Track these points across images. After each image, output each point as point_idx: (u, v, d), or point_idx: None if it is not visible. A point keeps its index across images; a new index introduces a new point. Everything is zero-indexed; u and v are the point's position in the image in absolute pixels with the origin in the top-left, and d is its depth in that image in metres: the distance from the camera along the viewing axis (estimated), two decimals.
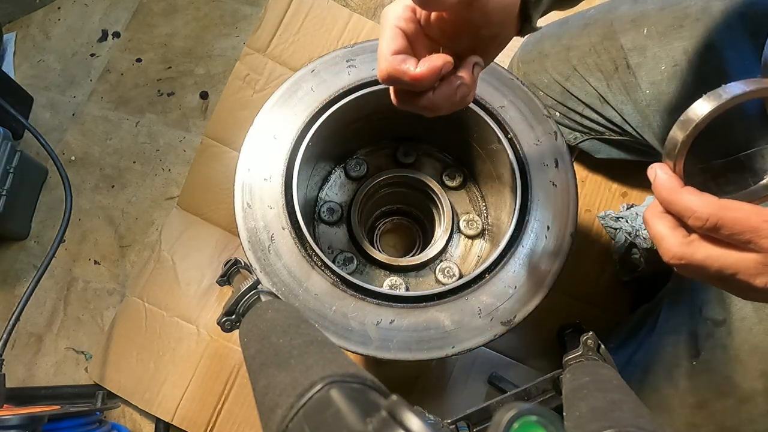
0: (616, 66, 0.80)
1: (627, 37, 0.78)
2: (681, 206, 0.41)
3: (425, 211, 0.88)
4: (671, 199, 0.42)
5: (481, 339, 0.62)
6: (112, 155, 1.19)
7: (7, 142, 1.03)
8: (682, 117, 0.41)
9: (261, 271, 0.64)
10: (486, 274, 0.65)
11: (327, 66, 0.73)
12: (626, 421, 0.42)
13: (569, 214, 0.68)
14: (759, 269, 0.39)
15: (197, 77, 1.23)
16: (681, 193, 0.41)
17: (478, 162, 0.81)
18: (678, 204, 0.41)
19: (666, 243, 0.42)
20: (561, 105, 0.90)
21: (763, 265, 0.39)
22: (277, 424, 0.33)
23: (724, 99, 0.40)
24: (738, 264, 0.40)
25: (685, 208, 0.41)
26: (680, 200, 0.41)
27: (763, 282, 0.39)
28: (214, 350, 1.01)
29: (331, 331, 0.62)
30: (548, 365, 0.99)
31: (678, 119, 0.42)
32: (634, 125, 0.81)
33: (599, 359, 0.61)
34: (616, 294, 1.03)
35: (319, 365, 0.36)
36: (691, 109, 0.41)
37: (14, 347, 1.07)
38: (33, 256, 1.14)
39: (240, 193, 0.68)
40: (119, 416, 1.03)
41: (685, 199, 0.41)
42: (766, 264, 0.39)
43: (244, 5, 1.27)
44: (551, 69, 0.89)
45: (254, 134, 0.70)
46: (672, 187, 0.42)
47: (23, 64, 1.27)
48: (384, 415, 0.28)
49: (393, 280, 0.76)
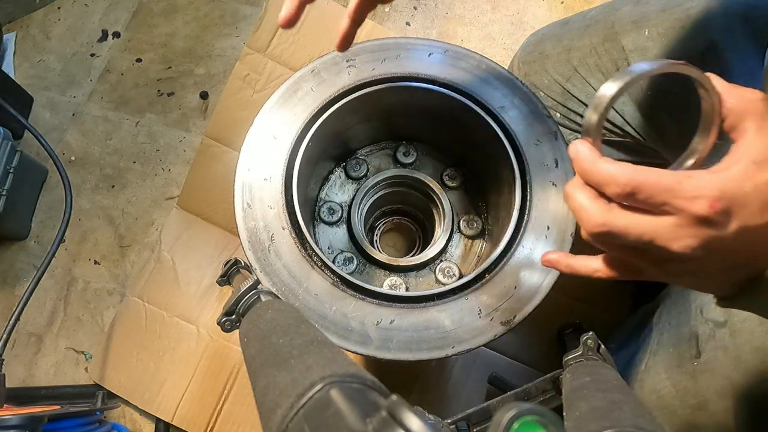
0: (618, 67, 0.80)
1: (628, 39, 0.78)
2: (600, 175, 0.42)
3: (425, 211, 0.88)
4: (591, 169, 0.43)
5: (481, 339, 0.62)
6: (112, 155, 1.19)
7: (7, 142, 1.03)
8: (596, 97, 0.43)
9: (261, 271, 0.64)
10: (486, 274, 0.65)
11: (327, 66, 0.73)
12: (626, 421, 0.42)
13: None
14: (675, 232, 0.39)
15: (197, 77, 1.23)
16: (599, 163, 0.42)
17: (478, 162, 0.81)
18: (597, 173, 0.42)
19: (586, 213, 0.43)
20: (561, 106, 0.90)
21: (679, 228, 0.39)
22: (277, 424, 0.33)
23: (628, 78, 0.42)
24: (656, 228, 0.40)
25: (604, 177, 0.42)
26: (599, 170, 0.42)
27: (680, 246, 0.39)
28: (214, 350, 1.01)
29: (331, 331, 0.62)
30: (548, 365, 0.99)
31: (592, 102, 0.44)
32: (636, 126, 0.81)
33: (599, 359, 0.61)
34: (616, 294, 1.03)
35: (319, 365, 0.36)
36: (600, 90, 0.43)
37: (14, 347, 1.07)
38: (33, 256, 1.14)
39: (240, 193, 0.68)
40: (119, 416, 1.03)
41: (604, 167, 0.42)
42: (682, 226, 0.39)
43: (244, 5, 1.27)
44: (552, 70, 0.89)
45: (254, 134, 0.70)
46: (591, 159, 0.43)
47: (23, 64, 1.27)
48: (384, 415, 0.28)
49: (393, 280, 0.76)
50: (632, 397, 0.48)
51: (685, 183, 0.39)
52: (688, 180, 0.39)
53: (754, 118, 0.41)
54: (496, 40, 1.26)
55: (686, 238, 0.39)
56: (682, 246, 0.39)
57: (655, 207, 0.40)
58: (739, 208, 0.39)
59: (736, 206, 0.39)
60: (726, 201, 0.38)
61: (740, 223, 0.39)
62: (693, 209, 0.38)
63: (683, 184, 0.39)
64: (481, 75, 0.73)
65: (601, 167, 0.42)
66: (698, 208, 0.38)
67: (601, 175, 0.42)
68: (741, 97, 0.42)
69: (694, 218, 0.39)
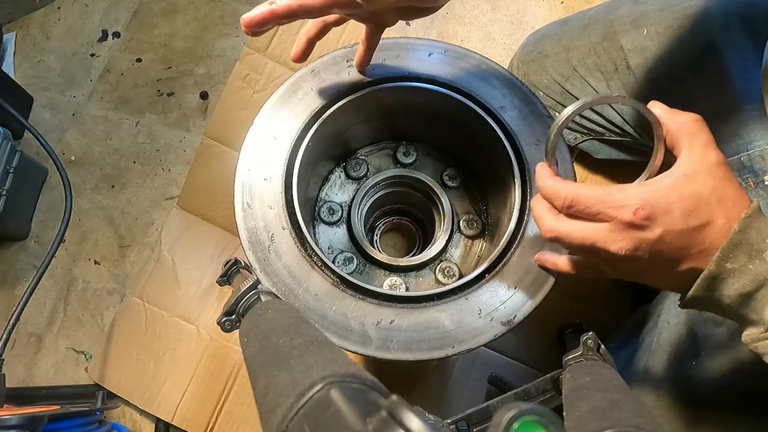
0: (616, 66, 0.80)
1: (627, 38, 0.79)
2: (548, 191, 0.50)
3: (425, 211, 0.88)
4: (542, 185, 0.51)
5: (481, 339, 0.62)
6: (112, 155, 1.19)
7: (7, 142, 1.03)
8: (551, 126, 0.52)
9: (261, 271, 0.64)
10: (486, 274, 0.65)
11: (327, 66, 0.73)
12: (626, 421, 0.42)
13: None
14: (610, 236, 0.47)
15: (197, 77, 1.23)
16: (547, 180, 0.51)
17: (478, 162, 0.81)
18: (546, 189, 0.51)
19: (542, 221, 0.52)
20: (561, 105, 0.90)
21: (613, 233, 0.46)
22: (277, 424, 0.33)
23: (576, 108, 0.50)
24: (595, 234, 0.47)
25: (550, 192, 0.50)
26: (547, 185, 0.50)
27: (616, 248, 0.47)
28: (214, 350, 1.01)
29: (331, 331, 0.62)
30: (548, 365, 0.99)
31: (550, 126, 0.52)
32: (635, 125, 0.81)
33: (599, 359, 0.61)
34: (616, 294, 1.03)
35: (319, 365, 0.36)
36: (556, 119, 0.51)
37: (14, 347, 1.07)
38: (33, 256, 1.14)
39: (240, 193, 0.68)
40: (119, 416, 1.03)
41: (549, 183, 0.50)
42: (615, 231, 0.46)
43: (244, 5, 1.27)
44: (551, 69, 0.89)
45: (254, 134, 0.70)
46: (543, 176, 0.51)
47: (23, 64, 1.27)
48: (384, 415, 0.28)
49: (393, 280, 0.76)
50: (632, 397, 0.48)
51: (615, 194, 0.46)
52: (618, 192, 0.47)
53: (686, 138, 0.48)
54: (496, 40, 1.26)
55: (620, 241, 0.46)
56: (618, 248, 0.47)
57: (592, 216, 0.48)
58: (663, 214, 0.45)
59: (659, 213, 0.45)
60: (648, 209, 0.45)
61: (664, 227, 0.45)
62: (620, 216, 0.46)
63: (612, 195, 0.46)
64: (481, 75, 0.73)
65: (548, 184, 0.51)
66: (624, 215, 0.45)
67: (548, 190, 0.51)
68: (675, 121, 0.50)
69: (623, 224, 0.46)
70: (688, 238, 0.46)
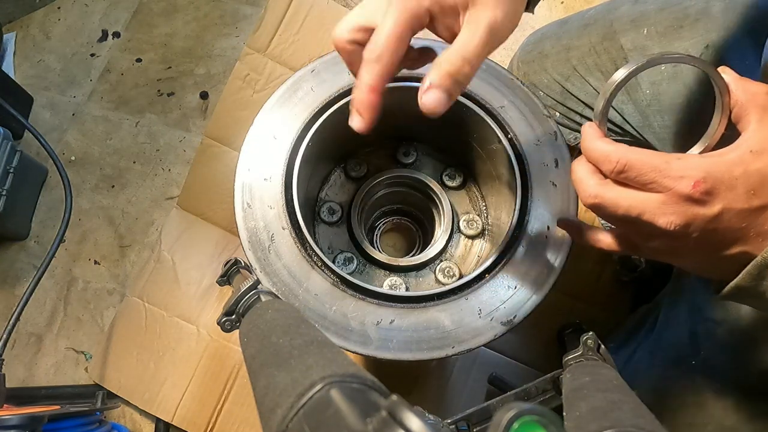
0: (617, 66, 0.80)
1: (627, 38, 0.79)
2: (597, 152, 0.45)
3: (425, 211, 0.88)
4: (590, 146, 0.46)
5: (481, 339, 0.62)
6: (112, 155, 1.19)
7: (7, 142, 1.03)
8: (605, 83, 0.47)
9: (261, 271, 0.64)
10: (486, 274, 0.65)
11: (327, 66, 0.73)
12: (626, 421, 0.42)
13: (569, 214, 0.68)
14: (661, 208, 0.42)
15: (197, 77, 1.23)
16: (597, 141, 0.46)
17: (478, 162, 0.81)
18: (595, 150, 0.46)
19: (583, 184, 0.47)
20: (561, 105, 0.90)
21: (664, 205, 0.42)
22: (277, 424, 0.33)
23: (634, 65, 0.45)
24: (644, 203, 0.43)
25: (600, 153, 0.45)
26: (597, 147, 0.46)
27: (665, 222, 0.42)
28: (214, 350, 1.01)
29: (331, 331, 0.62)
30: (548, 365, 0.99)
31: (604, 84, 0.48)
32: (635, 125, 0.81)
33: (599, 359, 0.61)
34: (616, 294, 1.03)
35: (319, 365, 0.36)
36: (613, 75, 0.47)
37: (14, 347, 1.07)
38: (33, 256, 1.14)
39: (240, 193, 0.68)
40: (119, 416, 1.03)
41: (599, 145, 0.45)
42: (667, 203, 0.42)
43: (244, 5, 1.27)
44: (551, 69, 0.89)
45: (254, 134, 0.70)
46: (592, 137, 0.46)
47: (23, 64, 1.27)
48: (384, 415, 0.28)
49: (393, 280, 0.76)
50: (632, 397, 0.48)
51: (673, 163, 0.42)
52: (677, 161, 0.42)
53: (756, 110, 0.43)
54: None
55: (670, 215, 0.42)
56: (667, 222, 0.42)
57: (644, 184, 0.43)
58: (725, 190, 0.41)
59: (721, 188, 0.41)
60: (710, 182, 0.41)
61: (724, 204, 0.41)
62: (677, 188, 0.41)
63: (671, 164, 0.42)
64: (481, 75, 0.73)
65: (598, 145, 0.46)
66: (682, 187, 0.41)
67: (597, 152, 0.45)
68: (747, 90, 0.45)
69: (678, 196, 0.41)
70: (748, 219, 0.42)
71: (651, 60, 0.45)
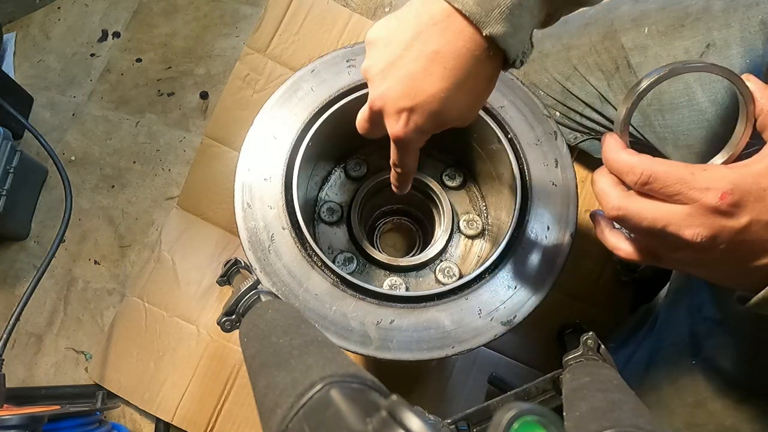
0: (617, 65, 0.80)
1: (628, 37, 0.78)
2: (620, 164, 0.45)
3: (425, 211, 0.88)
4: (613, 157, 0.45)
5: (481, 339, 0.62)
6: (112, 155, 1.19)
7: (7, 142, 1.03)
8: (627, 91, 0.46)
9: (261, 271, 0.64)
10: (486, 274, 0.65)
11: (327, 66, 0.73)
12: (626, 421, 0.42)
13: (569, 214, 0.68)
14: (687, 220, 0.41)
15: (197, 77, 1.23)
16: (620, 153, 0.45)
17: (478, 162, 0.81)
18: (618, 162, 0.45)
19: (607, 197, 0.46)
20: (561, 104, 0.90)
21: (690, 217, 0.41)
22: (277, 424, 0.33)
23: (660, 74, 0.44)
24: (669, 215, 0.42)
25: (623, 165, 0.44)
26: (620, 158, 0.45)
27: (691, 234, 0.41)
28: (214, 350, 1.01)
29: (331, 331, 0.62)
30: (548, 365, 0.99)
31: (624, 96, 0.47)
32: (635, 125, 0.81)
33: (599, 359, 0.61)
34: (616, 294, 1.03)
35: (319, 365, 0.36)
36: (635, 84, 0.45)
37: (14, 347, 1.07)
38: (33, 256, 1.14)
39: (240, 193, 0.68)
40: (119, 416, 1.03)
41: (624, 157, 0.44)
42: (693, 215, 0.41)
43: (244, 5, 1.27)
44: (551, 68, 0.89)
45: (254, 134, 0.70)
46: (615, 148, 0.45)
47: (23, 64, 1.27)
48: (384, 415, 0.28)
49: (393, 280, 0.76)
50: (632, 397, 0.48)
51: (699, 175, 0.41)
52: (703, 172, 0.41)
53: None
54: None
55: (697, 227, 0.41)
56: (693, 234, 0.41)
57: (669, 196, 0.42)
58: (753, 202, 0.40)
59: (749, 200, 0.40)
60: (738, 194, 0.40)
61: (753, 216, 0.40)
62: (704, 199, 0.40)
63: (696, 175, 0.41)
64: None
65: (621, 157, 0.45)
66: (709, 199, 0.40)
67: (621, 164, 0.44)
68: None
69: (705, 208, 0.40)
70: None
71: (674, 69, 0.43)
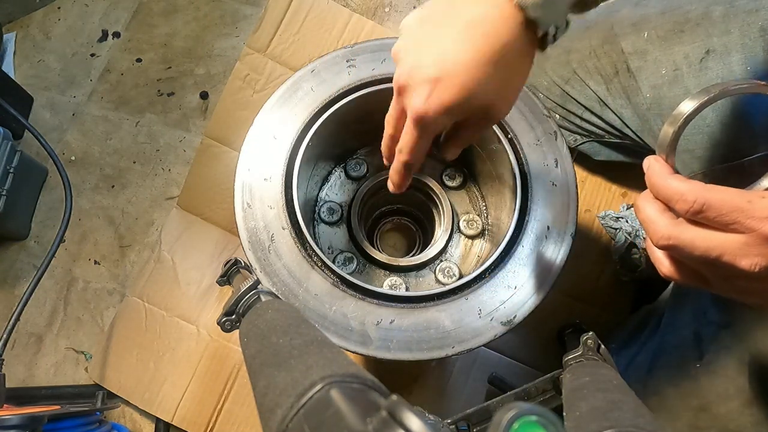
0: (617, 70, 0.80)
1: (627, 41, 0.78)
2: (670, 191, 0.43)
3: (425, 211, 0.88)
4: (661, 184, 0.43)
5: (481, 339, 0.62)
6: (112, 155, 1.19)
7: (7, 142, 1.03)
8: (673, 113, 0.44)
9: (261, 271, 0.64)
10: (486, 274, 0.65)
11: (327, 66, 0.73)
12: (626, 421, 0.42)
13: (569, 214, 0.68)
14: (744, 250, 0.40)
15: (197, 77, 1.23)
16: (669, 179, 0.43)
17: (478, 162, 0.81)
18: (667, 189, 0.43)
19: (655, 225, 0.43)
20: (561, 108, 0.90)
21: (747, 246, 0.40)
22: (277, 424, 0.33)
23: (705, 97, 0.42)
24: (724, 245, 0.40)
25: (673, 192, 0.42)
26: (669, 185, 0.43)
27: (748, 264, 0.40)
28: (214, 350, 1.01)
29: (331, 331, 0.62)
30: (548, 365, 0.99)
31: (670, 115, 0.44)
32: (634, 129, 0.81)
33: (599, 359, 0.61)
34: (616, 294, 1.03)
35: (319, 365, 0.36)
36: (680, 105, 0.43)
37: (14, 347, 1.07)
38: (33, 256, 1.14)
39: (240, 193, 0.68)
40: (119, 416, 1.03)
41: (674, 184, 0.42)
42: (751, 245, 0.39)
43: (244, 5, 1.27)
44: (551, 72, 0.89)
45: (254, 134, 0.70)
46: (662, 174, 0.44)
47: (23, 64, 1.27)
48: (384, 415, 0.28)
49: (393, 280, 0.76)
50: (632, 397, 0.48)
51: (757, 203, 0.39)
52: (761, 200, 0.39)
53: None
54: None
55: (755, 257, 0.40)
56: (751, 264, 0.40)
57: (725, 225, 0.40)
58: None
59: None
60: None
61: None
62: (763, 229, 0.39)
63: (755, 203, 0.39)
64: None
65: (670, 183, 0.43)
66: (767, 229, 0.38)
67: (670, 191, 0.43)
68: None
69: (763, 238, 0.39)
70: None
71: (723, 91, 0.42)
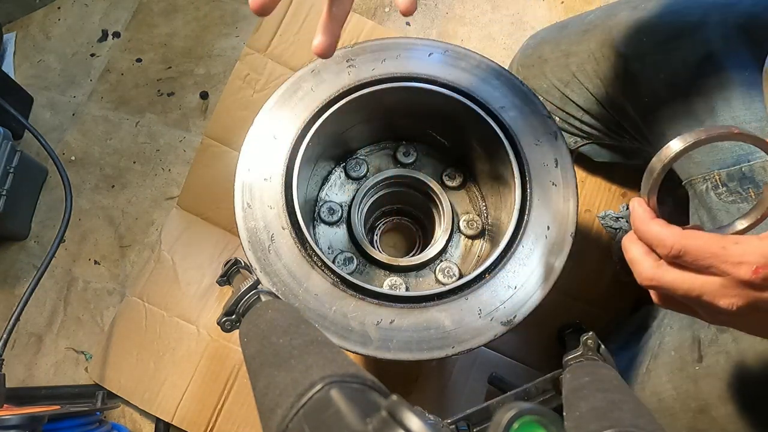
0: (616, 73, 0.80)
1: (626, 45, 0.78)
2: (650, 235, 0.45)
3: (425, 211, 0.88)
4: (643, 229, 0.45)
5: (481, 339, 0.62)
6: (112, 155, 1.19)
7: (7, 142, 1.03)
8: (662, 149, 0.45)
9: (261, 271, 0.64)
10: (486, 274, 0.65)
11: (327, 66, 0.73)
12: (626, 421, 0.42)
13: (569, 214, 0.68)
14: (721, 291, 0.42)
15: (197, 77, 1.23)
16: (650, 224, 0.45)
17: (478, 162, 0.81)
18: (648, 233, 0.45)
19: (639, 266, 0.46)
20: (560, 110, 0.90)
21: (724, 288, 0.42)
22: (277, 424, 0.33)
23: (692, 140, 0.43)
24: (703, 287, 0.42)
25: (653, 237, 0.44)
26: (650, 230, 0.45)
27: (726, 303, 0.42)
28: (214, 350, 1.01)
29: (331, 331, 0.62)
30: (548, 365, 0.99)
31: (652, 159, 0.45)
32: (633, 133, 0.81)
33: (599, 359, 0.61)
34: (616, 294, 1.03)
35: (319, 365, 0.36)
36: (670, 143, 0.44)
37: (14, 347, 1.07)
38: (33, 256, 1.14)
39: (240, 193, 0.68)
40: (119, 416, 1.03)
41: (654, 229, 0.44)
42: (727, 287, 0.42)
43: (244, 5, 1.27)
44: (550, 74, 0.89)
45: (254, 134, 0.70)
46: (644, 219, 0.46)
47: (23, 64, 1.27)
48: (384, 415, 0.28)
49: (393, 280, 0.76)
50: (632, 397, 0.48)
51: (731, 248, 0.41)
52: (735, 246, 0.41)
53: None
54: (496, 40, 1.26)
55: (732, 297, 0.42)
56: (729, 303, 0.42)
57: (702, 269, 0.42)
58: None
59: None
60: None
61: None
62: (737, 274, 0.41)
63: (729, 249, 0.41)
64: (481, 75, 0.73)
65: (651, 228, 0.45)
66: (742, 273, 0.40)
67: (650, 235, 0.45)
68: None
69: (738, 282, 0.41)
70: None
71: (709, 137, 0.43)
